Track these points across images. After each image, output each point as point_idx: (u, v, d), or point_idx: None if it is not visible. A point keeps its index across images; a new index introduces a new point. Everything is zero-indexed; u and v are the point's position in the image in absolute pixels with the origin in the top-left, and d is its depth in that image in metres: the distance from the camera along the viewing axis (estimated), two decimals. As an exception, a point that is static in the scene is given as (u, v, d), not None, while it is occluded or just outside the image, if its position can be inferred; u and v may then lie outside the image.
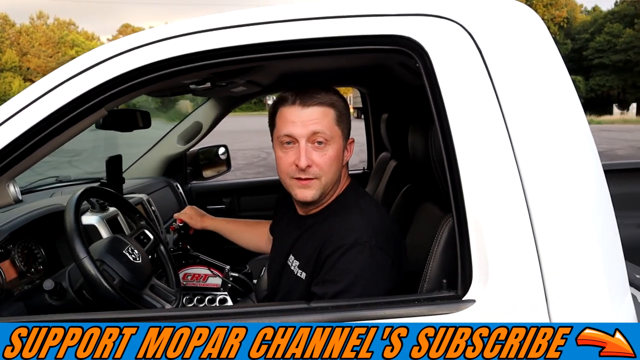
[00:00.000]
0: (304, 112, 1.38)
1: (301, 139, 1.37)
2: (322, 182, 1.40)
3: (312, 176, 1.39)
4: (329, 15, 1.17)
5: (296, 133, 1.37)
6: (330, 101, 1.40)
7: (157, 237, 1.89)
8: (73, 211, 1.51)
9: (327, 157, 1.39)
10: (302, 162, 1.36)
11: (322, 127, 1.37)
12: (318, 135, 1.37)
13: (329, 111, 1.40)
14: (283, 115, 1.41)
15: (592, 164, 1.12)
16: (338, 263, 1.32)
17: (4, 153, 1.21)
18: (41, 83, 1.22)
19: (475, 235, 1.07)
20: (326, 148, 1.39)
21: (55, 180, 2.86)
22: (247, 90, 2.51)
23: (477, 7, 1.17)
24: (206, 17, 1.22)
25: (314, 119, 1.37)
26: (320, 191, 1.41)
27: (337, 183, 1.46)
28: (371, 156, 3.60)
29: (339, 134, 1.42)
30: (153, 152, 3.30)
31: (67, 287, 1.55)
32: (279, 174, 1.46)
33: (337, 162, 1.42)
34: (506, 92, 1.11)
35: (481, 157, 1.09)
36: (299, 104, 1.38)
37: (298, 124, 1.37)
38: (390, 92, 3.08)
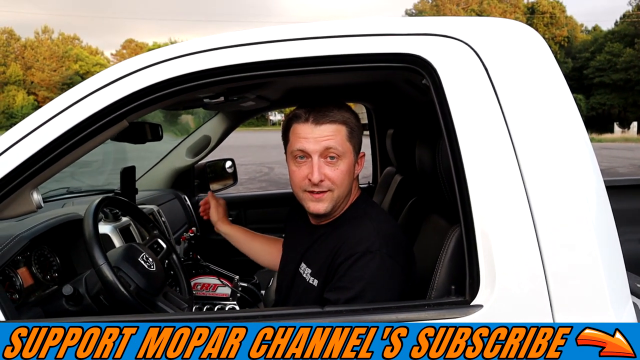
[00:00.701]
0: (317, 129, 1.43)
1: (314, 155, 1.43)
2: (335, 195, 1.45)
3: (325, 189, 1.44)
4: (343, 34, 1.23)
5: (309, 149, 1.43)
6: (343, 118, 1.45)
7: (169, 246, 1.94)
8: (92, 219, 1.56)
9: (339, 171, 1.44)
10: (315, 177, 1.41)
11: (335, 143, 1.43)
12: (330, 151, 1.43)
13: (341, 128, 1.45)
14: (296, 131, 1.46)
15: (594, 176, 1.18)
16: (350, 270, 1.37)
17: (30, 162, 1.26)
18: (68, 95, 1.28)
19: (482, 243, 1.12)
20: (338, 163, 1.44)
21: (66, 191, 2.92)
22: (256, 105, 2.58)
23: (483, 27, 1.23)
24: (226, 35, 1.28)
25: (327, 136, 1.42)
26: (333, 204, 1.46)
27: (349, 195, 1.52)
28: (376, 170, 3.66)
29: (351, 150, 1.47)
30: (162, 164, 3.36)
31: (84, 293, 1.60)
32: (292, 186, 1.51)
33: (349, 175, 1.47)
34: (511, 108, 1.17)
35: (488, 168, 1.15)
36: (312, 121, 1.43)
37: (311, 140, 1.43)
38: (396, 108, 3.14)
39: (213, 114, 3.31)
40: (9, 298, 1.52)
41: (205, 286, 2.22)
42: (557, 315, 1.10)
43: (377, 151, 3.62)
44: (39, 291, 1.80)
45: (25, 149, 1.25)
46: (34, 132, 1.25)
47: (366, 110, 3.69)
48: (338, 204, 1.48)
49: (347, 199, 1.52)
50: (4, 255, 1.58)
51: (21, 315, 1.56)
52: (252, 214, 3.60)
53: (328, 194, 1.45)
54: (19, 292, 1.69)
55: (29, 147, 1.25)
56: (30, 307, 1.64)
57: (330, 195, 1.45)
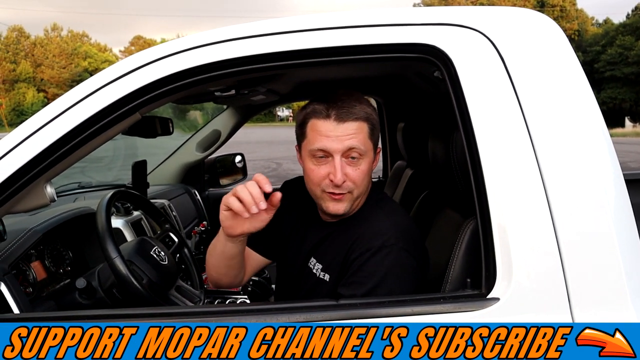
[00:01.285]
0: (340, 127, 1.35)
1: (336, 155, 1.35)
2: (354, 195, 1.40)
3: (346, 191, 1.38)
4: (357, 24, 1.22)
5: (332, 148, 1.35)
6: (366, 115, 1.38)
7: (181, 240, 1.94)
8: (104, 212, 1.57)
9: (360, 171, 1.38)
10: (339, 178, 1.34)
11: (357, 142, 1.36)
12: (353, 151, 1.36)
13: (363, 126, 1.38)
14: (317, 127, 1.38)
15: (612, 168, 1.16)
16: (365, 265, 1.35)
17: (44, 155, 1.26)
18: (81, 88, 1.27)
19: (499, 236, 1.11)
20: (359, 162, 1.38)
21: (77, 186, 2.93)
22: (266, 99, 2.57)
23: (499, 17, 1.21)
24: (240, 26, 1.27)
25: (350, 135, 1.35)
26: (351, 203, 1.41)
27: (365, 192, 1.46)
28: (387, 165, 3.64)
29: (371, 147, 1.42)
30: (172, 159, 3.37)
31: (97, 287, 1.60)
32: (309, 184, 1.44)
33: (369, 175, 1.42)
34: (528, 99, 1.15)
35: (505, 161, 1.13)
36: (335, 118, 1.36)
37: (333, 139, 1.35)
38: (407, 102, 3.13)
39: (221, 109, 3.32)
40: (23, 291, 1.53)
41: (216, 280, 2.22)
42: (575, 309, 1.09)
43: (387, 145, 3.60)
44: (52, 285, 1.81)
45: (39, 141, 1.24)
46: (48, 124, 1.25)
47: (376, 104, 3.68)
48: (356, 202, 1.44)
49: (364, 196, 1.48)
50: (18, 249, 1.59)
51: (35, 309, 1.57)
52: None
53: (348, 195, 1.39)
54: (33, 285, 1.70)
55: (43, 139, 1.25)
56: (43, 300, 1.65)
57: (350, 196, 1.40)
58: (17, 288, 1.39)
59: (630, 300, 1.10)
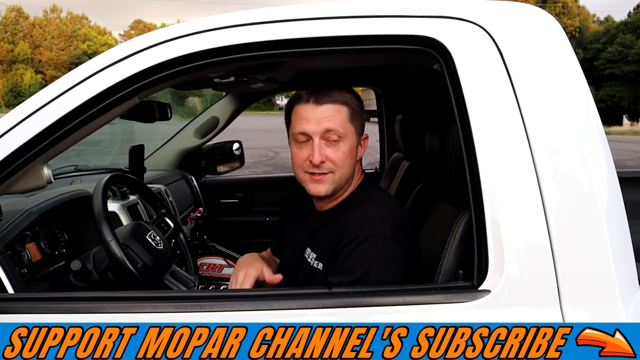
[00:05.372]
0: (318, 109, 1.42)
1: (315, 136, 1.42)
2: (336, 177, 1.45)
3: (326, 171, 1.43)
4: (357, 14, 1.22)
5: (310, 130, 1.42)
6: (344, 99, 1.45)
7: (177, 225, 1.94)
8: (101, 196, 1.57)
9: (340, 152, 1.43)
10: (316, 158, 1.41)
11: (335, 124, 1.42)
12: (331, 133, 1.42)
13: (342, 109, 1.44)
14: (298, 112, 1.46)
15: (606, 165, 1.17)
16: (353, 254, 1.37)
17: (42, 136, 1.26)
18: (81, 70, 1.27)
19: (492, 229, 1.12)
20: (339, 144, 1.43)
21: (74, 169, 2.93)
22: (265, 87, 2.57)
23: (498, 11, 1.22)
24: (238, 13, 1.27)
25: (327, 117, 1.42)
26: (334, 185, 1.45)
27: (352, 178, 1.51)
28: (384, 156, 3.65)
29: (352, 131, 1.46)
30: (170, 145, 3.37)
31: (92, 269, 1.61)
32: (294, 168, 1.50)
33: (351, 157, 1.46)
34: (525, 94, 1.15)
35: (500, 155, 1.14)
36: (313, 101, 1.43)
37: (312, 121, 1.42)
38: (405, 94, 3.13)
39: (221, 96, 3.31)
40: (18, 272, 1.53)
41: (211, 266, 2.23)
42: (565, 303, 1.10)
43: (385, 137, 3.61)
44: (47, 266, 1.82)
45: (37, 123, 1.24)
46: (46, 106, 1.25)
47: (376, 96, 3.68)
48: (340, 186, 1.47)
49: (350, 181, 1.51)
50: (13, 230, 1.59)
51: (29, 290, 1.58)
52: (257, 197, 3.61)
53: (329, 175, 1.44)
54: (27, 266, 1.71)
55: (41, 121, 1.25)
56: (38, 281, 1.66)
57: (332, 177, 1.44)
58: (12, 269, 1.40)
59: (619, 297, 1.11)
